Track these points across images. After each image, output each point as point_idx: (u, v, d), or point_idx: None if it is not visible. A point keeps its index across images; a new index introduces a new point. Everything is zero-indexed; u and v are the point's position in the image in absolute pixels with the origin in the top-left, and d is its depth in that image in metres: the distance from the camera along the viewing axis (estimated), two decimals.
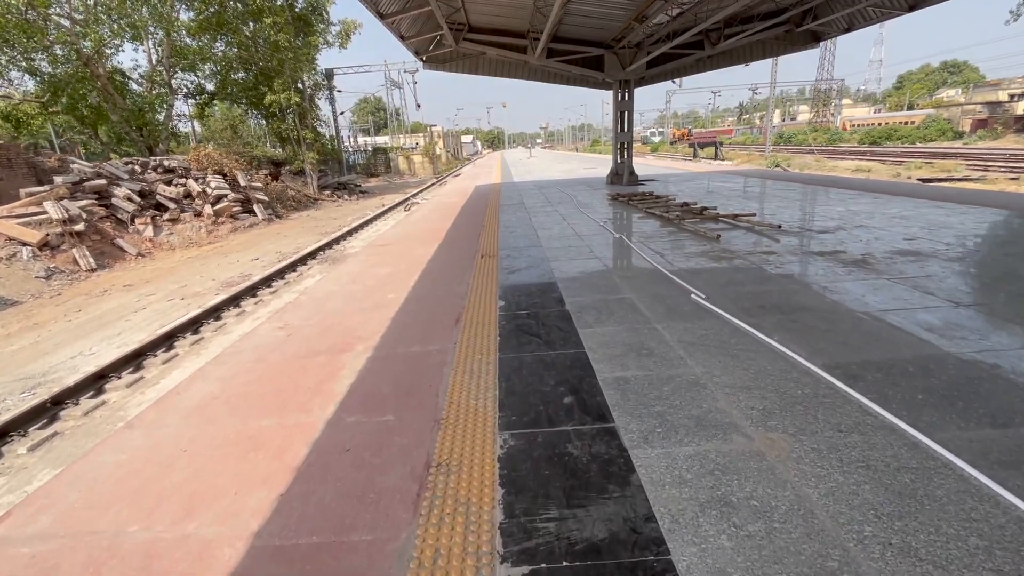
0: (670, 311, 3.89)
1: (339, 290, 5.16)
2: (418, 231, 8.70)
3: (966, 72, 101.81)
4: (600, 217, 8.79)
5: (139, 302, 10.31)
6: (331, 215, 23.14)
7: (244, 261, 13.95)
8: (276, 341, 3.85)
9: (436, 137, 61.92)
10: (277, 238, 17.50)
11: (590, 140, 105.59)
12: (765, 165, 30.88)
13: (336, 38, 30.53)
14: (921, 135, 47.93)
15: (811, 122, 73.52)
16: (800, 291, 4.19)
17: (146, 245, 16.30)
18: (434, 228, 8.80)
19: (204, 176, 20.06)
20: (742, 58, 14.07)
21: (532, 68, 14.36)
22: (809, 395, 2.56)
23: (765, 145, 36.80)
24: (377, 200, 28.11)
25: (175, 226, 17.87)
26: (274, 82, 25.99)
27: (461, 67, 13.97)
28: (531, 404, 2.64)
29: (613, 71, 13.54)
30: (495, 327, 3.78)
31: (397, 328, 3.91)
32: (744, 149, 49.94)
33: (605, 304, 4.14)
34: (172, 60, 25.25)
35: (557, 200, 11.47)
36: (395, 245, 7.42)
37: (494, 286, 4.86)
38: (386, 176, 44.31)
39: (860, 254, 5.25)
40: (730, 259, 5.39)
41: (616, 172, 14.51)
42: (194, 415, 2.75)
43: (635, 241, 6.73)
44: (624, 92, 13.83)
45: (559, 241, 7.02)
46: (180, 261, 14.99)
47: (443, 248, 6.89)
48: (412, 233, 8.57)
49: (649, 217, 8.57)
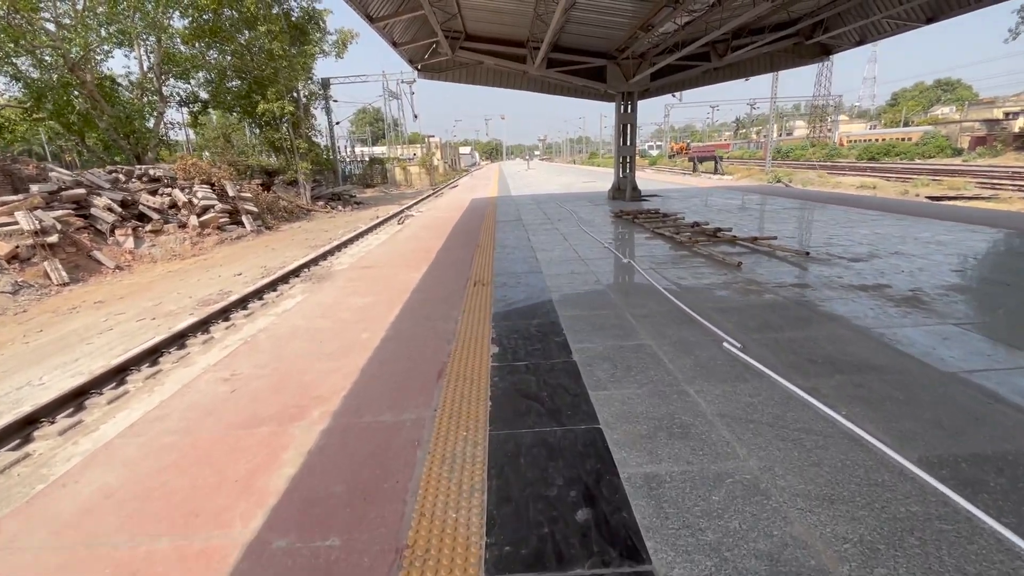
0: (701, 366, 3.18)
1: (306, 326, 4.43)
2: (407, 250, 7.99)
3: (959, 90, 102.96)
4: (604, 237, 8.11)
5: (107, 322, 9.53)
6: (323, 227, 22.46)
7: (226, 276, 13.22)
8: (215, 400, 3.10)
9: (434, 148, 61.57)
10: (264, 251, 16.77)
11: (588, 153, 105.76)
12: (766, 180, 30.44)
13: (332, 47, 30.11)
14: (920, 151, 47.81)
15: (809, 137, 73.67)
16: (854, 339, 3.48)
17: (125, 258, 15.55)
18: (424, 247, 8.10)
19: (191, 186, 19.36)
20: (749, 71, 13.56)
21: (531, 79, 13.80)
22: (918, 515, 1.84)
23: (765, 160, 36.44)
24: (371, 212, 27.46)
25: (158, 237, 17.13)
26: (268, 91, 25.45)
27: (457, 76, 13.38)
28: (531, 522, 1.91)
29: (616, 82, 12.98)
30: (486, 385, 3.05)
31: (366, 384, 3.18)
32: (743, 163, 49.70)
33: (620, 354, 3.42)
34: (164, 67, 24.70)
35: (557, 216, 10.80)
36: (380, 267, 6.70)
37: (487, 325, 4.14)
38: (382, 187, 43.75)
39: (909, 289, 4.56)
40: (759, 293, 4.70)
41: (618, 187, 13.89)
42: (68, 530, 2.00)
43: (646, 268, 6.03)
44: (627, 104, 13.25)
45: (561, 266, 6.31)
46: (160, 275, 14.23)
47: (432, 272, 6.18)
48: (400, 252, 7.87)
49: (657, 238, 7.89)
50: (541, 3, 9.50)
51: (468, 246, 7.87)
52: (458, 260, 6.90)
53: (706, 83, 13.97)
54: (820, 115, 74.29)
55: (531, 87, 13.82)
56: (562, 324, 4.09)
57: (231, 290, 11.53)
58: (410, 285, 5.63)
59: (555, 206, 13.01)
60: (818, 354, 3.26)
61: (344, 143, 67.92)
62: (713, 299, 4.59)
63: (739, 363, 3.19)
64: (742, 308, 4.27)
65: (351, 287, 5.72)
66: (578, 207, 12.47)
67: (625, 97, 13.14)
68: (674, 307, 4.40)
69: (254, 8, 24.24)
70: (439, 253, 7.51)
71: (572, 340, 3.72)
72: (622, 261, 6.43)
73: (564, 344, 3.66)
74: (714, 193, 15.17)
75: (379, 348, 3.78)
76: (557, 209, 12.26)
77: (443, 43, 11.67)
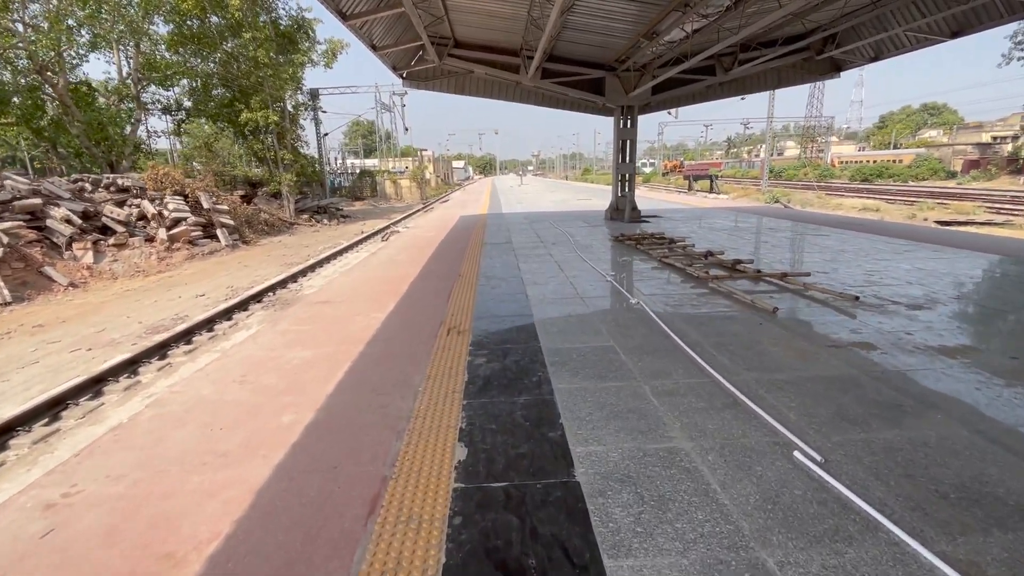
0: (771, 501, 2.07)
1: (212, 398, 3.27)
2: (377, 278, 6.88)
3: (945, 114, 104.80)
4: (605, 267, 7.04)
5: (35, 352, 8.26)
6: (304, 242, 21.30)
7: (187, 297, 12.00)
8: (6, 567, 1.94)
9: (426, 162, 60.82)
10: (236, 268, 15.56)
11: (581, 169, 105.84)
12: (764, 200, 29.80)
13: (321, 57, 29.24)
14: (913, 174, 47.73)
15: (801, 157, 73.93)
16: (983, 449, 2.39)
17: (82, 274, 14.26)
18: (398, 275, 6.99)
19: (161, 197, 18.16)
20: (755, 86, 12.73)
21: (525, 90, 12.87)
22: None
23: (761, 179, 35.91)
24: (357, 226, 26.36)
25: (121, 252, 15.86)
26: (252, 99, 24.44)
27: (445, 86, 12.41)
28: None
29: (615, 96, 12.07)
30: (439, 539, 1.93)
31: (261, 522, 2.04)
32: (738, 183, 49.34)
33: (645, 469, 2.31)
34: (145, 74, 23.63)
35: (551, 239, 9.74)
36: (340, 303, 5.58)
37: (455, 406, 3.01)
38: (372, 200, 42.70)
39: (1010, 356, 3.52)
40: (814, 356, 3.62)
41: (616, 207, 12.90)
42: None
43: (660, 311, 4.94)
44: (627, 119, 12.33)
45: (556, 307, 5.22)
46: (116, 294, 12.97)
47: (400, 311, 5.07)
48: (371, 280, 6.76)
49: (666, 269, 6.83)
50: (536, 5, 8.55)
51: (448, 276, 6.76)
52: (433, 293, 5.79)
53: (709, 98, 13.12)
54: (812, 136, 74.72)
55: (525, 99, 12.87)
56: (559, 406, 2.97)
57: (188, 314, 10.37)
58: (369, 331, 4.50)
59: (549, 226, 11.97)
60: (944, 480, 2.17)
61: (336, 155, 67.11)
62: (756, 364, 3.51)
63: (830, 496, 2.09)
64: (799, 382, 3.18)
65: (294, 333, 4.57)
66: (574, 228, 11.43)
67: (624, 111, 12.23)
68: (707, 378, 3.30)
69: (238, 14, 23.34)
70: (414, 283, 6.40)
71: (573, 438, 2.60)
72: (630, 302, 5.34)
73: (562, 445, 2.54)
74: (716, 214, 14.24)
75: (298, 444, 2.63)
76: (551, 230, 11.22)
77: (429, 49, 10.70)
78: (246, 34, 23.18)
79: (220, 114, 25.68)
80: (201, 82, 25.27)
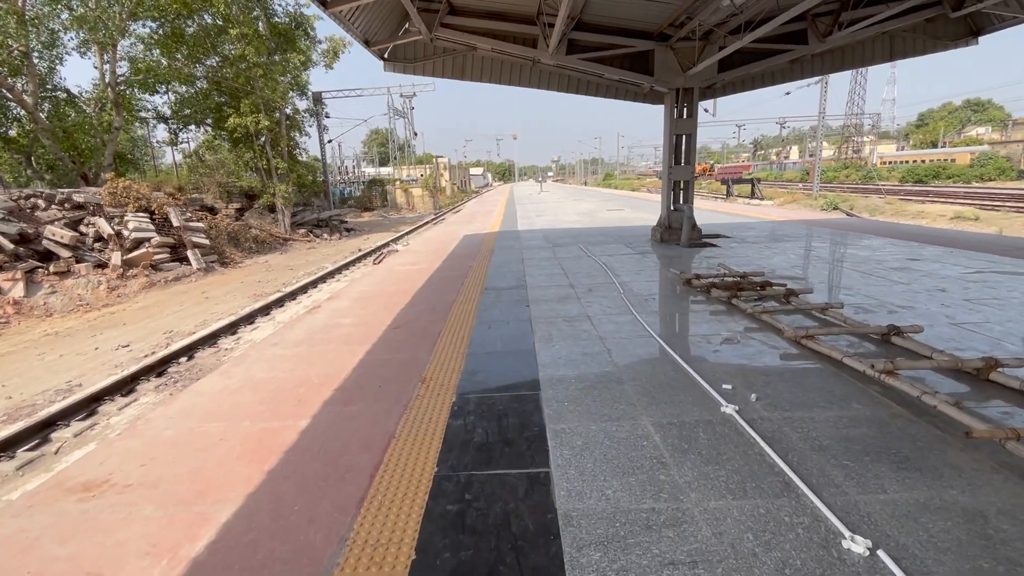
0: None
1: None
2: (306, 360, 3.93)
3: (990, 110, 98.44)
4: (707, 372, 3.84)
5: None
6: (292, 262, 18.64)
7: (106, 349, 9.33)
8: None
9: (442, 169, 58.35)
10: (194, 301, 12.86)
11: (602, 174, 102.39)
12: (819, 207, 26.04)
13: (322, 56, 26.80)
14: (977, 174, 43.01)
15: (841, 158, 68.86)
16: None
17: (5, 310, 11.71)
18: (325, 371, 4.02)
19: (122, 215, 15.68)
20: (858, 59, 9.40)
21: (544, 71, 9.80)
22: None
23: (812, 183, 31.95)
24: (357, 242, 23.70)
25: (63, 281, 13.33)
26: (241, 103, 22.04)
27: (440, 68, 9.44)
28: None
29: (667, 75, 8.93)
30: None
31: None
32: (781, 186, 45.20)
33: None
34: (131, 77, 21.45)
35: (585, 280, 6.63)
36: (223, 420, 2.65)
37: None
38: (382, 210, 40.21)
39: None
40: None
41: (668, 224, 9.69)
42: None
43: None
44: (684, 106, 9.16)
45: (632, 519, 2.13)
46: (24, 341, 10.35)
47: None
48: (297, 360, 3.81)
49: (813, 358, 3.66)
50: None
51: (405, 372, 3.76)
52: (361, 447, 2.79)
53: (794, 77, 9.84)
54: (852, 135, 69.52)
55: (544, 83, 9.80)
56: None
57: (84, 380, 7.65)
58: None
59: (579, 254, 8.84)
60: None
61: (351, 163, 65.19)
62: None
63: None
64: None
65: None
66: (615, 257, 8.28)
67: (680, 96, 9.05)
68: None
69: (225, 10, 21.00)
70: (332, 395, 3.42)
71: None
72: (848, 552, 2.15)
73: None
74: (788, 230, 10.91)
75: None
76: (583, 262, 8.09)
77: (415, 17, 7.77)
78: (233, 30, 20.81)
79: (205, 119, 23.36)
80: (200, 88, 23.02)
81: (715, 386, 3.15)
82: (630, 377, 3.37)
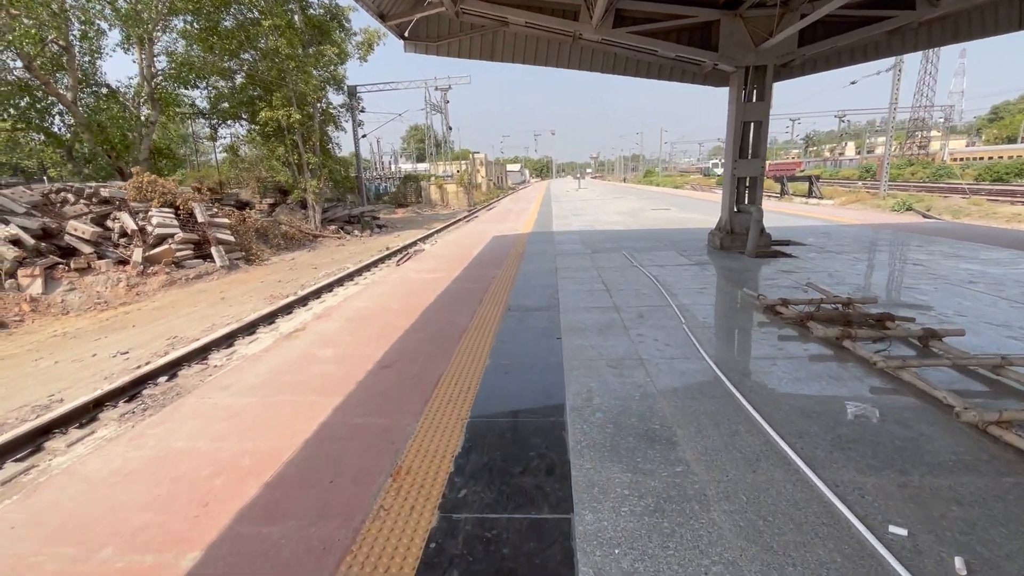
0: None
1: None
2: (295, 384, 2.85)
3: None
4: (856, 490, 2.52)
5: None
6: (317, 261, 17.99)
7: (103, 356, 8.66)
8: None
9: (478, 165, 57.48)
10: (210, 302, 12.23)
11: (642, 171, 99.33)
12: (890, 208, 23.45)
13: (356, 48, 26.18)
14: None
15: (907, 155, 63.56)
16: None
17: (20, 309, 11.34)
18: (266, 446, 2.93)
19: (146, 210, 15.34)
20: (980, 27, 7.57)
21: (586, 49, 8.45)
22: None
23: (880, 181, 29.02)
24: (387, 239, 22.96)
25: (83, 278, 12.97)
26: (273, 96, 21.63)
27: (465, 47, 8.25)
28: None
29: (734, 50, 7.42)
30: None
31: None
32: (842, 185, 41.79)
33: None
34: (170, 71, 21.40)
35: (632, 300, 5.32)
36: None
37: None
38: (416, 207, 39.63)
39: None
40: None
41: (729, 228, 8.17)
42: None
43: None
44: (754, 87, 7.62)
45: None
46: (37, 342, 9.86)
47: None
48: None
49: (1011, 455, 2.28)
50: None
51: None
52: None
53: (891, 51, 8.10)
54: (920, 128, 64.02)
55: (586, 63, 8.45)
56: None
57: (69, 393, 6.99)
58: None
59: (622, 263, 7.48)
60: None
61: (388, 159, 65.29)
62: None
63: None
64: None
65: None
66: (667, 270, 6.89)
67: (750, 75, 7.52)
68: None
69: (260, 2, 20.58)
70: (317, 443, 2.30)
71: None
72: None
73: None
74: (876, 235, 9.16)
75: None
76: (628, 274, 6.74)
77: None
78: (266, 22, 20.34)
79: (240, 114, 23.11)
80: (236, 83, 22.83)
81: (877, 530, 1.82)
82: (720, 494, 2.08)
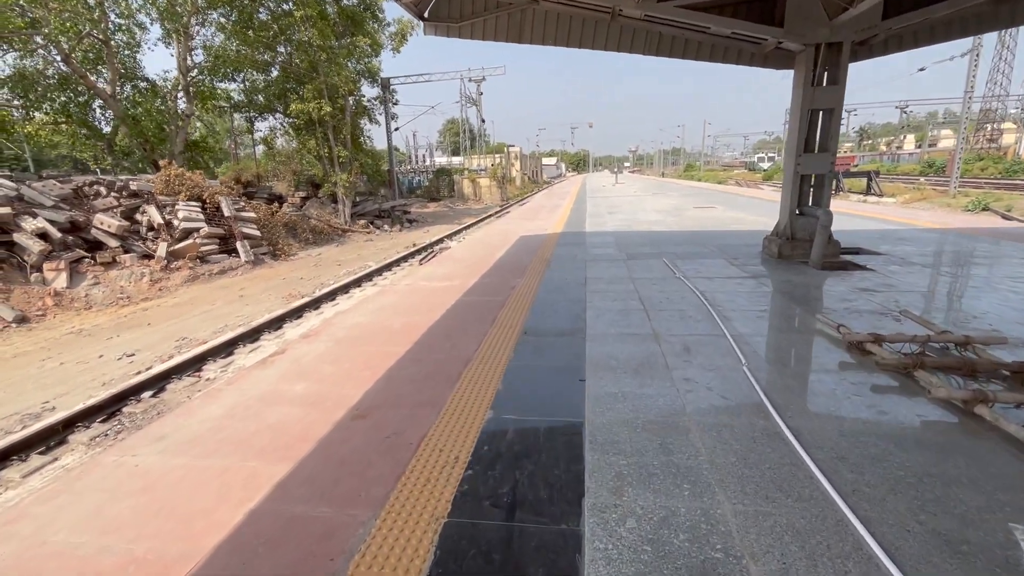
0: None
1: None
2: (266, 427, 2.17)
3: None
4: None
5: None
6: (345, 256, 17.63)
7: (109, 358, 8.39)
8: None
9: (513, 159, 56.62)
10: (228, 300, 11.95)
11: (683, 165, 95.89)
12: (962, 207, 21.21)
13: (390, 39, 25.72)
14: None
15: (974, 147, 58.45)
16: None
17: (43, 303, 11.29)
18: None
19: (173, 204, 15.27)
20: None
21: (627, 28, 7.44)
22: None
23: (951, 177, 26.39)
24: (416, 234, 22.46)
25: (107, 273, 12.92)
26: (304, 88, 21.40)
27: (490, 28, 7.39)
28: None
29: (803, 24, 6.28)
30: None
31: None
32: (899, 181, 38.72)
33: None
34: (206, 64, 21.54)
35: (676, 326, 4.40)
36: None
37: None
38: (448, 201, 39.17)
39: None
40: None
41: (790, 234, 7.04)
42: None
43: None
44: (825, 68, 6.46)
45: None
46: (52, 339, 9.72)
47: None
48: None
49: None
50: None
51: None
52: None
53: (998, 24, 6.71)
54: (992, 120, 58.73)
55: (626, 44, 7.44)
56: None
57: (64, 400, 6.69)
58: None
59: (663, 271, 6.52)
60: None
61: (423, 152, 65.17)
62: None
63: None
64: None
65: None
66: (716, 283, 5.88)
67: (822, 54, 6.36)
68: None
69: None
70: None
71: None
72: None
73: None
74: (967, 243, 7.80)
75: None
76: (670, 286, 5.78)
77: None
78: (297, 12, 20.06)
79: (273, 107, 23.04)
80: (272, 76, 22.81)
81: None
82: None
